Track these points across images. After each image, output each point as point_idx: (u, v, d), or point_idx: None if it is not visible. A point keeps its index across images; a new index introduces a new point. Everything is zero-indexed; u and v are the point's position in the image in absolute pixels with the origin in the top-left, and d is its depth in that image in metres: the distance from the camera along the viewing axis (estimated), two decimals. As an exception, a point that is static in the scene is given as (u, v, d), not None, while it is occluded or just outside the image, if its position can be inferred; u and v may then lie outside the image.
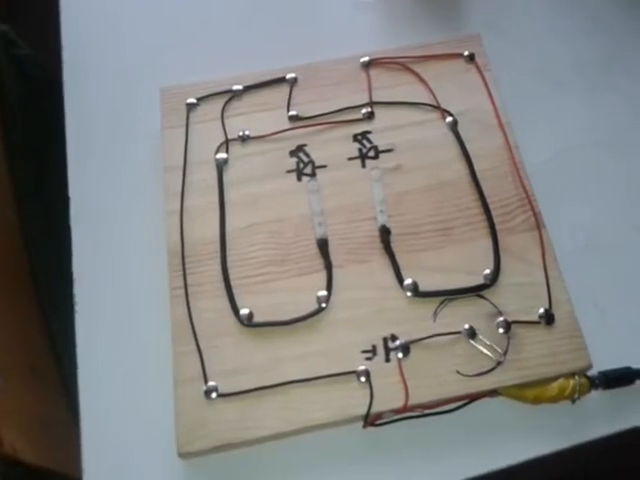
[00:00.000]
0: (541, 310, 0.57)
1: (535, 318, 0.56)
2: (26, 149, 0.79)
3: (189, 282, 0.59)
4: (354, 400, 0.54)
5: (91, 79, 0.74)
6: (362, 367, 0.55)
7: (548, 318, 0.56)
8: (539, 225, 0.61)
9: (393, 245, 0.61)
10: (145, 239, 0.63)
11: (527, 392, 0.54)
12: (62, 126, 0.71)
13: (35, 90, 0.84)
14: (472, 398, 0.54)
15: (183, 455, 0.53)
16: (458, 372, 0.54)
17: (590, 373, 0.56)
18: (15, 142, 0.79)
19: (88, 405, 0.57)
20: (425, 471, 0.53)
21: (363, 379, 0.54)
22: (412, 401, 0.54)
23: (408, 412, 0.54)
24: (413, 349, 0.56)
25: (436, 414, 0.55)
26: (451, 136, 0.67)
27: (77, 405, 0.57)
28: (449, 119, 0.67)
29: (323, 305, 0.58)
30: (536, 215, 0.61)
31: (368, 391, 0.54)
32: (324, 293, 0.58)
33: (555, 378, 0.55)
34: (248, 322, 0.57)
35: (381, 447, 0.54)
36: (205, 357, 0.56)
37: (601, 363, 0.56)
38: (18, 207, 0.77)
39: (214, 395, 0.54)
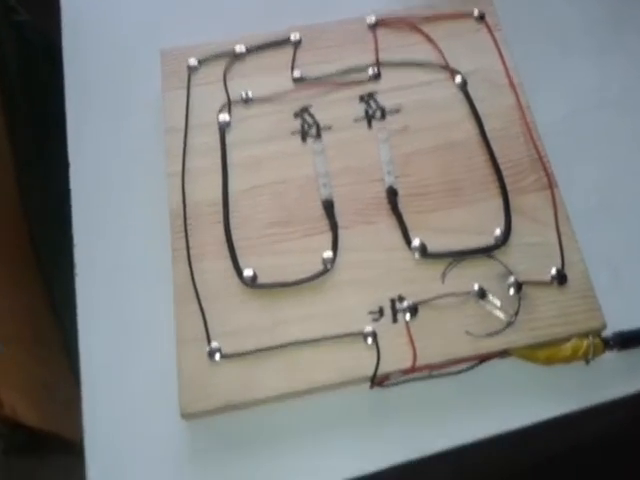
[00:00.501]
0: (553, 270, 0.55)
1: (547, 278, 0.55)
2: (26, 115, 0.78)
3: (191, 244, 0.58)
4: (360, 361, 0.53)
5: (90, 43, 0.73)
6: (369, 328, 0.53)
7: (560, 278, 0.54)
8: (551, 185, 0.59)
9: (400, 206, 0.60)
10: (146, 202, 0.62)
11: (539, 353, 0.52)
12: (62, 91, 0.69)
13: (34, 56, 0.82)
14: (482, 359, 0.53)
15: (186, 416, 0.52)
16: (468, 332, 0.53)
17: (604, 334, 0.54)
18: (15, 108, 0.77)
19: (89, 368, 0.56)
20: (433, 433, 0.52)
21: (370, 340, 0.53)
22: (420, 362, 0.52)
23: (416, 373, 0.53)
24: (421, 310, 0.54)
25: (445, 375, 0.53)
26: (460, 96, 0.65)
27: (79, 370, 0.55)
28: (458, 79, 0.65)
29: (329, 266, 0.56)
30: (548, 175, 0.60)
31: (375, 352, 0.53)
32: (330, 254, 0.57)
33: (568, 339, 0.53)
34: (252, 283, 0.56)
35: (388, 408, 0.53)
36: (208, 318, 0.54)
37: (615, 324, 0.54)
38: (18, 174, 0.76)
39: (217, 356, 0.53)
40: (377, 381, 0.52)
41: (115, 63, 0.72)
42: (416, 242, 0.57)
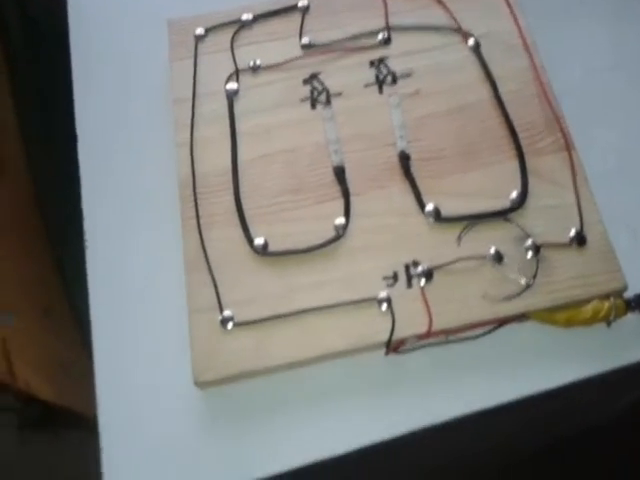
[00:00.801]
0: (572, 232, 0.54)
1: (566, 240, 0.54)
2: (33, 87, 0.77)
3: (201, 213, 0.57)
4: (375, 327, 0.52)
5: (97, 15, 0.73)
6: (383, 294, 0.52)
7: (580, 239, 0.53)
8: (569, 146, 0.57)
9: (413, 170, 0.58)
10: (155, 172, 0.61)
11: (558, 315, 0.51)
12: (69, 63, 0.68)
13: (40, 28, 0.81)
14: (499, 323, 0.52)
15: (200, 384, 0.51)
16: (484, 297, 0.51)
17: (625, 295, 0.52)
18: (21, 79, 0.76)
19: (100, 340, 0.55)
20: (450, 398, 0.52)
21: (384, 306, 0.52)
22: (436, 327, 0.51)
23: (432, 338, 0.52)
24: (436, 275, 0.53)
25: (461, 340, 0.52)
26: (473, 59, 0.64)
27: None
28: (471, 41, 0.64)
29: (341, 233, 0.55)
30: (566, 136, 0.58)
31: (389, 318, 0.52)
32: (342, 221, 0.56)
33: (588, 301, 0.52)
34: (263, 251, 0.55)
35: (404, 374, 0.53)
36: (219, 287, 0.54)
37: (636, 286, 0.53)
38: (26, 146, 0.75)
39: (230, 324, 0.52)
40: (392, 347, 0.51)
41: (122, 35, 0.71)
42: (430, 206, 0.56)
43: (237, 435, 0.51)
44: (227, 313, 0.53)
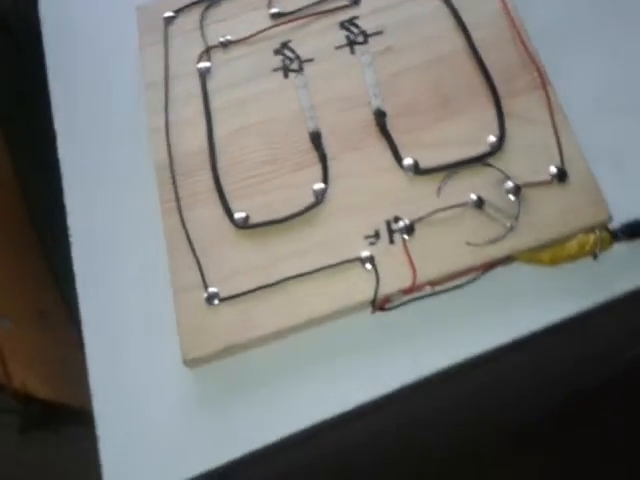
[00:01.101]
0: (552, 168, 0.54)
1: (547, 178, 0.54)
2: (11, 88, 0.80)
3: (180, 194, 0.59)
4: (359, 287, 0.53)
5: (67, 7, 0.74)
6: (366, 253, 0.54)
7: (560, 175, 0.54)
8: (545, 83, 0.58)
9: (390, 127, 0.59)
10: (134, 160, 0.63)
11: (544, 254, 0.52)
12: (43, 59, 0.71)
13: (11, 24, 0.84)
14: (485, 268, 0.53)
15: (189, 362, 0.53)
16: (468, 243, 0.53)
17: (610, 227, 0.53)
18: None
19: (91, 329, 0.57)
20: (442, 348, 0.52)
21: (368, 265, 0.53)
22: (420, 279, 0.52)
23: (418, 291, 0.53)
24: (418, 228, 0.54)
25: (448, 290, 0.53)
26: (444, 9, 0.65)
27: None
28: (439, -10, 0.64)
29: (320, 198, 0.56)
30: (541, 74, 0.59)
31: (374, 276, 0.53)
32: (321, 185, 0.57)
33: (573, 236, 0.52)
34: (244, 224, 0.57)
35: (393, 331, 0.54)
36: (203, 264, 0.55)
37: (621, 216, 0.54)
38: (10, 149, 0.78)
39: (216, 300, 0.54)
40: (378, 305, 0.53)
41: (95, 26, 0.73)
42: (408, 160, 0.57)
43: (231, 411, 0.53)
44: (212, 290, 0.54)
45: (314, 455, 0.51)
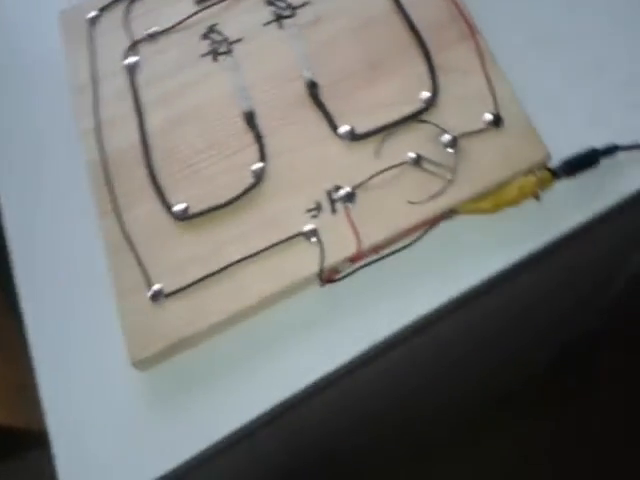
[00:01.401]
0: (487, 115, 0.56)
1: (482, 126, 0.56)
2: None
3: (117, 193, 0.60)
4: (306, 261, 0.54)
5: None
6: (309, 226, 0.55)
7: (495, 121, 0.55)
8: (473, 33, 0.60)
9: (325, 96, 0.61)
10: (69, 164, 0.64)
11: (485, 202, 0.53)
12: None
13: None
14: (429, 225, 0.54)
15: (138, 364, 0.54)
16: (410, 202, 0.54)
17: (550, 166, 0.54)
18: None
19: (38, 346, 0.58)
20: (396, 311, 0.54)
21: (312, 238, 0.55)
22: (365, 244, 0.54)
23: (364, 258, 0.54)
24: (359, 194, 0.56)
25: (395, 252, 0.54)
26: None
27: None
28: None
29: (260, 178, 0.58)
30: (469, 24, 0.60)
31: (319, 249, 0.54)
32: (259, 165, 0.59)
33: (513, 180, 0.54)
34: (183, 215, 0.58)
35: (344, 302, 0.55)
36: (145, 262, 0.57)
37: (561, 154, 0.55)
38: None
39: (161, 297, 0.55)
40: (326, 277, 0.54)
41: (17, 30, 0.74)
42: (343, 128, 0.58)
43: (189, 408, 0.54)
44: (156, 287, 0.56)
45: (278, 437, 0.53)
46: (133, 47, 0.67)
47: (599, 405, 1.17)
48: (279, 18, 0.65)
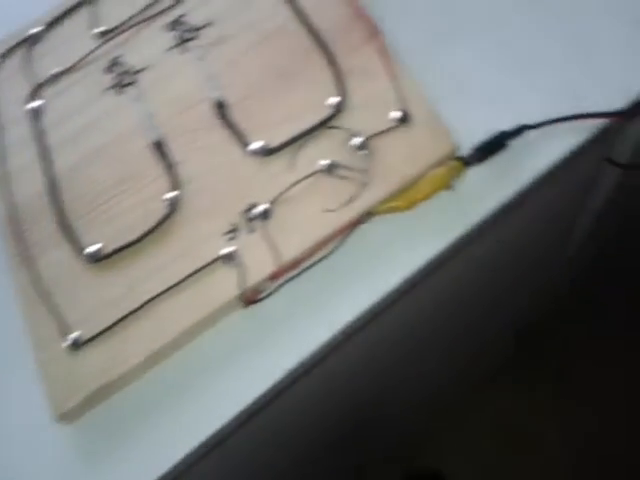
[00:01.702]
0: (394, 113, 0.57)
1: (391, 125, 0.57)
2: None
3: (29, 243, 0.61)
4: (225, 286, 0.55)
5: None
6: (227, 250, 0.56)
7: (403, 118, 0.57)
8: (375, 33, 0.62)
9: (234, 115, 0.62)
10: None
11: (399, 201, 0.55)
12: None
13: None
14: (347, 230, 0.55)
15: (62, 416, 0.54)
16: (326, 210, 0.56)
17: (462, 154, 0.56)
18: None
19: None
20: (323, 321, 0.55)
21: (231, 261, 0.56)
22: (286, 259, 0.54)
23: (286, 273, 0.55)
24: (276, 209, 0.57)
25: (316, 263, 0.55)
26: (265, -16, 0.68)
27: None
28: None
29: (174, 207, 0.59)
30: (370, 24, 0.62)
31: (238, 271, 0.55)
32: (172, 194, 0.60)
33: (425, 174, 0.55)
34: (97, 256, 0.59)
35: (271, 320, 0.55)
36: (62, 309, 0.57)
37: (471, 141, 0.57)
38: None
39: (80, 345, 0.55)
40: (249, 299, 0.55)
41: None
42: (254, 144, 0.60)
43: (121, 453, 0.54)
44: (74, 335, 0.55)
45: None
46: (36, 91, 0.68)
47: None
48: (182, 42, 0.67)
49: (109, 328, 0.55)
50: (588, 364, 1.32)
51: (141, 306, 0.55)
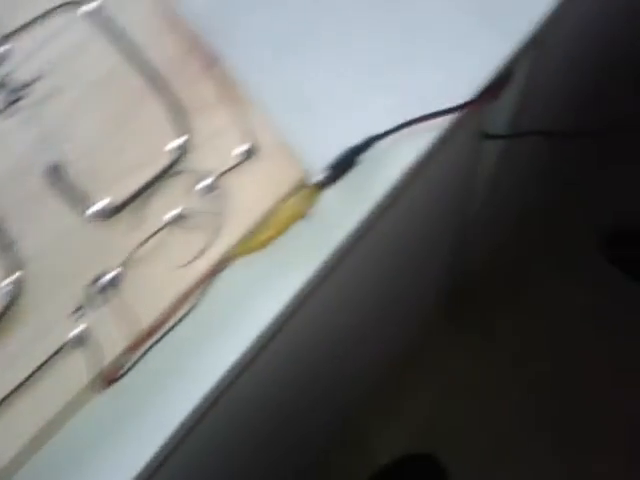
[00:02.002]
0: (240, 147, 0.55)
1: (238, 160, 0.55)
2: None
3: None
4: (78, 372, 0.51)
5: None
6: (76, 331, 0.53)
7: (249, 151, 0.55)
8: (213, 63, 0.59)
9: (73, 176, 0.59)
10: None
11: (255, 240, 0.52)
12: None
13: None
14: (206, 281, 0.53)
15: None
16: (180, 266, 0.53)
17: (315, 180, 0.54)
18: None
19: None
20: (193, 382, 0.54)
21: (81, 343, 0.52)
22: (143, 325, 0.51)
23: (146, 341, 0.52)
24: (126, 273, 0.53)
25: (178, 323, 0.54)
26: (95, 27, 0.65)
27: None
28: (85, 9, 0.65)
29: (13, 296, 0.55)
30: (207, 54, 0.60)
31: (92, 351, 0.52)
32: (14, 277, 0.56)
33: (279, 207, 0.53)
34: None
35: (138, 394, 0.54)
36: None
37: (323, 162, 0.56)
38: None
39: None
40: (109, 378, 0.52)
41: None
42: (95, 207, 0.56)
43: None
44: None
45: None
46: None
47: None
48: (9, 105, 0.63)
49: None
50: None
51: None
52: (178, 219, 0.52)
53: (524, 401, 1.45)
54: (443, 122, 0.56)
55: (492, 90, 0.56)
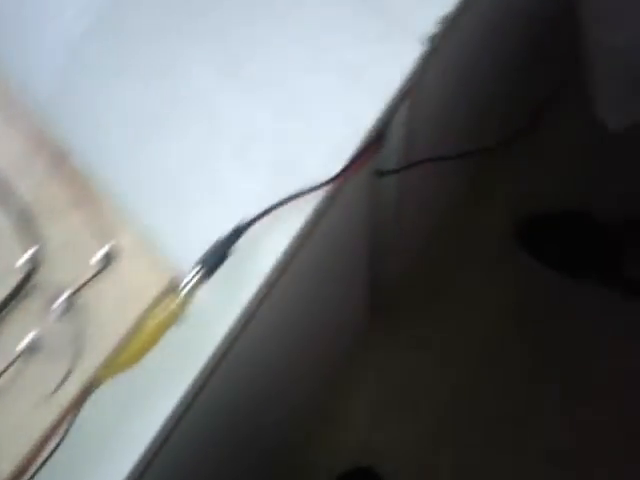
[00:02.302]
0: (98, 253, 0.52)
1: (97, 268, 0.52)
2: None
3: None
4: None
5: None
6: None
7: (108, 256, 0.51)
8: (63, 158, 0.56)
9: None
10: None
11: (123, 358, 0.49)
12: None
13: None
14: (72, 411, 0.50)
15: None
16: (40, 402, 0.49)
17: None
18: None
19: None
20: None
21: None
22: (3, 476, 0.47)
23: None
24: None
25: (44, 464, 0.51)
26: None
27: None
28: None
29: None
30: (55, 149, 0.56)
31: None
32: None
33: (147, 317, 0.50)
34: None
35: None
36: None
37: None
38: None
39: None
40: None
41: None
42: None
43: None
44: None
45: None
46: None
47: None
48: None
49: None
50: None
51: None
52: (33, 347, 0.48)
53: (456, 402, 1.49)
54: (315, 196, 0.54)
55: (368, 150, 0.54)
